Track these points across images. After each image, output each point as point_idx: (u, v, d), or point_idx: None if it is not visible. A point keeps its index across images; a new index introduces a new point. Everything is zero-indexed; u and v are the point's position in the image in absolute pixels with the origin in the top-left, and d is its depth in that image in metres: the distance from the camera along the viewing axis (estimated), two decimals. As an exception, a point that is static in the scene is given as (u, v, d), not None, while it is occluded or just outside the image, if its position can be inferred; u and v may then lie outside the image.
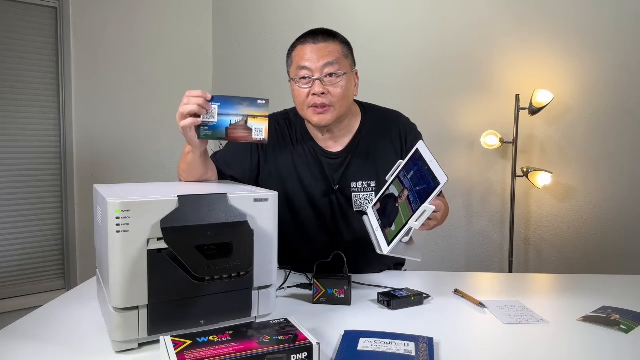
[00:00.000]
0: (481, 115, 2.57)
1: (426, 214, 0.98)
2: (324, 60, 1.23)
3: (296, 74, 1.26)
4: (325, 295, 1.12)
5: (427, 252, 2.57)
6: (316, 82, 1.24)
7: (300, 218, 1.37)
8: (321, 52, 1.24)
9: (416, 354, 0.83)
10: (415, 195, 1.03)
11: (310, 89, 1.25)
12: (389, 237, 1.04)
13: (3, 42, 2.65)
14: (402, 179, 1.11)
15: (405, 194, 1.07)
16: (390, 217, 1.09)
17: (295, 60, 1.28)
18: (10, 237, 2.74)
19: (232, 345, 0.77)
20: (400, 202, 1.07)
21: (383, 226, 1.09)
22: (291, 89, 1.32)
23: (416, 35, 2.69)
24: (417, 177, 1.06)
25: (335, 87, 1.25)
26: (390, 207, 1.11)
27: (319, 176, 1.34)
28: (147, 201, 0.83)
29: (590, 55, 2.38)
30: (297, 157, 1.36)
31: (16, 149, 2.73)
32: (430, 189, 0.99)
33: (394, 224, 1.05)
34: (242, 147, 1.35)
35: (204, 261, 0.83)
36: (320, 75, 1.24)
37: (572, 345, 0.92)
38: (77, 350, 0.86)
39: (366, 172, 1.34)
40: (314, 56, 1.24)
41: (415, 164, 1.08)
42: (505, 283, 1.38)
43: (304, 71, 1.25)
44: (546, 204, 2.50)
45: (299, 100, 1.29)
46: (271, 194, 0.96)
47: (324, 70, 1.24)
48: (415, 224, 0.99)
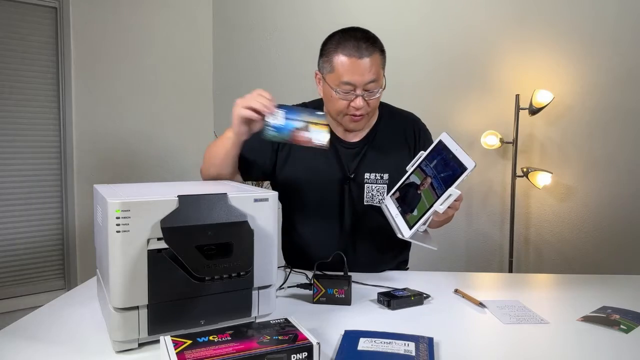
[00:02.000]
0: (481, 115, 2.57)
1: (452, 197, 1.02)
2: (367, 78, 1.26)
3: (338, 87, 1.27)
4: (325, 295, 1.12)
5: (427, 252, 2.57)
6: (358, 97, 1.27)
7: (311, 205, 1.39)
8: (365, 68, 1.25)
9: (416, 354, 0.83)
10: (440, 182, 1.07)
11: (351, 102, 1.28)
12: (411, 222, 1.08)
13: (3, 42, 2.65)
14: (424, 168, 1.15)
15: (428, 181, 1.11)
16: (411, 203, 1.12)
17: (338, 71, 1.26)
18: (10, 237, 2.74)
19: (232, 345, 0.77)
20: (423, 189, 1.11)
21: (404, 212, 1.13)
22: (324, 90, 1.34)
23: (416, 36, 2.69)
24: (441, 165, 1.09)
25: (374, 100, 1.30)
26: (411, 194, 1.15)
27: (335, 164, 1.38)
28: (147, 201, 0.83)
29: (590, 55, 2.39)
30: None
31: (16, 149, 2.73)
32: (456, 174, 1.03)
33: (416, 209, 1.09)
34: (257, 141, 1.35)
35: (204, 261, 0.83)
36: (362, 92, 1.27)
37: (572, 345, 0.92)
38: (77, 350, 0.86)
39: (380, 164, 1.37)
40: (358, 72, 1.25)
41: (439, 153, 1.12)
42: (505, 283, 1.38)
43: (347, 87, 1.27)
44: (546, 204, 2.50)
45: (336, 108, 1.31)
46: (271, 194, 0.96)
47: (366, 86, 1.27)
48: (440, 207, 1.03)
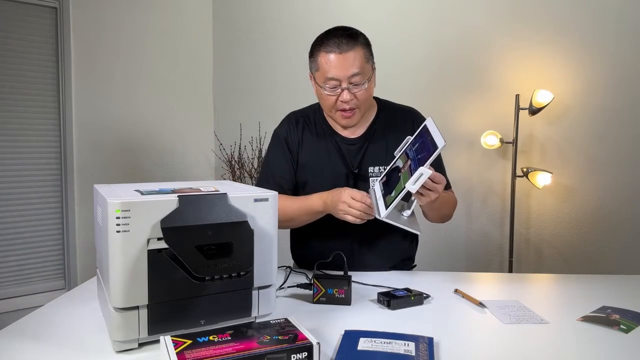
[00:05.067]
0: (481, 115, 2.57)
1: (423, 177, 1.03)
2: (350, 71, 1.30)
3: (324, 83, 1.33)
4: (325, 295, 1.12)
5: (427, 252, 2.57)
6: (344, 91, 1.31)
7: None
8: (347, 62, 1.29)
9: (416, 354, 0.83)
10: (417, 163, 1.08)
11: (339, 96, 1.32)
12: (388, 203, 1.10)
13: (3, 42, 2.65)
14: (407, 152, 1.18)
15: (408, 163, 1.13)
16: (391, 186, 1.14)
17: (322, 68, 1.32)
18: (10, 237, 2.74)
19: (232, 345, 0.77)
20: (403, 172, 1.13)
21: (384, 195, 1.16)
22: (315, 88, 1.39)
23: (416, 36, 2.69)
24: (420, 148, 1.11)
25: (361, 92, 1.33)
26: (394, 177, 1.18)
27: (340, 161, 1.42)
28: (147, 201, 0.83)
29: (590, 55, 2.39)
30: (319, 147, 1.43)
31: (16, 149, 2.73)
32: (429, 154, 1.04)
33: (393, 191, 1.12)
34: (280, 157, 1.45)
35: (204, 261, 0.83)
36: (348, 85, 1.30)
37: (572, 345, 0.92)
38: (77, 350, 0.86)
39: (382, 158, 1.40)
40: (340, 66, 1.30)
41: (421, 136, 1.14)
42: (505, 283, 1.38)
43: (331, 82, 1.31)
44: (546, 204, 2.50)
45: (326, 105, 1.37)
46: (271, 194, 0.96)
47: (350, 79, 1.30)
48: (412, 187, 1.04)
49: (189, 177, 3.22)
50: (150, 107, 3.07)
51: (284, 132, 1.46)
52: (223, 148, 3.19)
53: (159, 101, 3.09)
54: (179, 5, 3.14)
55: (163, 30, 3.09)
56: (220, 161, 3.22)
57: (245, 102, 3.15)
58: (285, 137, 1.45)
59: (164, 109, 3.11)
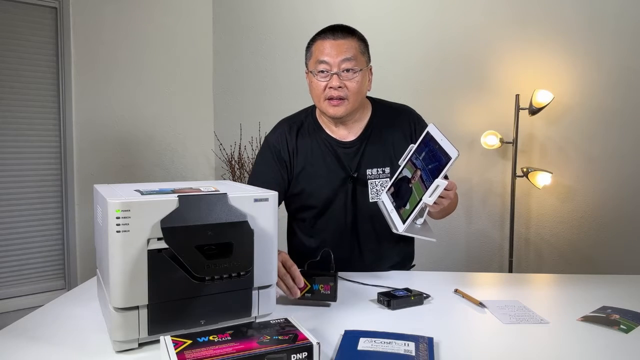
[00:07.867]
0: (481, 115, 2.57)
1: (439, 189, 1.02)
2: (342, 56, 1.29)
3: (315, 67, 1.32)
4: (311, 290, 1.11)
5: (427, 252, 2.57)
6: (334, 76, 1.30)
7: (320, 210, 1.40)
8: (340, 48, 1.30)
9: (416, 354, 0.83)
10: (428, 174, 1.07)
11: (328, 82, 1.31)
12: (404, 216, 1.08)
13: (3, 42, 2.65)
14: (414, 161, 1.16)
15: (418, 174, 1.11)
16: (404, 197, 1.12)
17: (315, 54, 1.33)
18: (10, 237, 2.74)
19: (232, 345, 0.77)
20: (414, 182, 1.11)
21: (398, 207, 1.13)
22: (308, 81, 1.38)
23: (416, 35, 2.69)
24: (428, 157, 1.09)
25: (351, 82, 1.31)
26: (403, 188, 1.16)
27: (337, 166, 1.39)
28: (147, 201, 0.83)
29: (590, 55, 2.39)
30: (314, 152, 1.41)
31: (16, 149, 2.73)
32: (442, 165, 1.02)
33: (407, 203, 1.09)
34: (269, 166, 1.40)
35: (204, 261, 0.83)
36: (338, 70, 1.30)
37: (572, 345, 0.92)
38: (77, 350, 0.86)
39: (380, 159, 1.39)
40: (332, 51, 1.30)
41: (427, 145, 1.12)
42: (505, 283, 1.38)
43: (322, 65, 1.31)
44: (546, 204, 2.50)
45: (316, 92, 1.35)
46: (271, 194, 0.96)
47: (341, 65, 1.30)
48: (429, 199, 1.02)
49: (188, 177, 3.22)
50: (150, 107, 3.07)
51: (275, 142, 1.41)
52: (223, 148, 3.19)
53: (159, 101, 3.09)
54: (179, 5, 3.14)
55: (163, 31, 3.09)
56: (220, 161, 3.23)
57: (245, 102, 3.15)
58: (277, 147, 1.40)
59: (164, 109, 3.11)
